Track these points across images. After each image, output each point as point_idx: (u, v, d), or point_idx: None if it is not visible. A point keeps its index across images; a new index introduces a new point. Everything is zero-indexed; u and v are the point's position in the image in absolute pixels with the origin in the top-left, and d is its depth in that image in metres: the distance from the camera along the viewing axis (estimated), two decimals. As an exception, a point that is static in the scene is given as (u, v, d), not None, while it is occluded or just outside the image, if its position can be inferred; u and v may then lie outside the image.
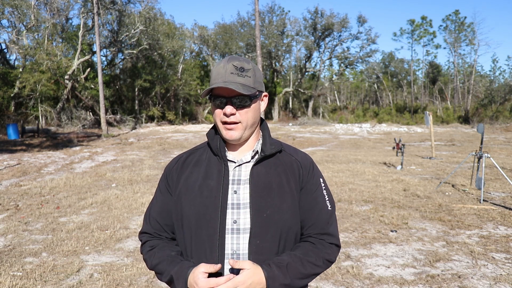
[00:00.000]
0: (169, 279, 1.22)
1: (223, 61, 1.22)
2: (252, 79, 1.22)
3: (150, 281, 3.62)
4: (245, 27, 41.69)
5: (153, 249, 1.31)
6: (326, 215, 1.30)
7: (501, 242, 4.57)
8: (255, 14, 23.34)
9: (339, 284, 3.56)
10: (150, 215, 1.37)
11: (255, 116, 1.25)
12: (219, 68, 1.21)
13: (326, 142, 19.48)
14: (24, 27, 26.58)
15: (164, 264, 1.23)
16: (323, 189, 1.32)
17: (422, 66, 51.33)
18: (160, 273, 1.25)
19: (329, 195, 1.34)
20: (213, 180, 1.25)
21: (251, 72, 1.22)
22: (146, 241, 1.36)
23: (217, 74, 1.20)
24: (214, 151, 1.29)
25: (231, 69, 1.19)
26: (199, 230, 1.22)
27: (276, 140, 1.33)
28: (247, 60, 1.24)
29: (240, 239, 1.20)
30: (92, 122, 27.63)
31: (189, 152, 1.40)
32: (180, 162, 1.36)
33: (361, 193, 7.16)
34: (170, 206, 1.32)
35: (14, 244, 4.60)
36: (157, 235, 1.35)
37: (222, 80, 1.19)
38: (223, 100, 1.20)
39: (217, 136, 1.30)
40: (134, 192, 7.40)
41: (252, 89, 1.21)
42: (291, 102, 47.99)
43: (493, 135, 23.22)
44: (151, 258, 1.29)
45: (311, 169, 1.32)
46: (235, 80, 1.18)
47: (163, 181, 1.37)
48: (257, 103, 1.26)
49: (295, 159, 1.32)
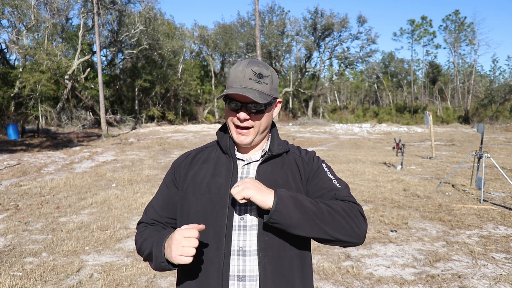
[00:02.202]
0: (149, 252, 1.21)
1: (242, 64, 1.21)
2: (269, 86, 1.22)
3: (150, 281, 3.62)
4: (245, 27, 41.70)
5: (144, 231, 1.31)
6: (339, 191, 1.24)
7: (501, 242, 4.57)
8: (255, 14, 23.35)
9: (339, 284, 3.56)
10: (151, 207, 1.37)
11: (268, 122, 1.27)
12: (238, 71, 1.20)
13: (326, 142, 19.48)
14: (24, 27, 26.58)
15: (151, 237, 1.24)
16: (327, 172, 1.31)
17: (422, 66, 51.38)
18: (144, 250, 1.24)
19: (336, 178, 1.31)
20: (222, 178, 1.26)
21: (269, 79, 1.22)
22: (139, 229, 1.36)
23: (234, 78, 1.20)
24: (224, 149, 1.30)
25: (250, 75, 1.19)
26: (206, 226, 1.22)
27: (284, 141, 1.35)
28: (266, 65, 1.23)
29: (247, 236, 1.20)
30: (92, 122, 27.62)
31: (198, 149, 1.41)
32: (189, 158, 1.37)
33: (361, 193, 7.15)
34: (175, 199, 1.32)
35: (14, 244, 4.60)
36: (154, 225, 1.35)
37: (239, 85, 1.19)
38: (238, 104, 1.20)
39: (227, 134, 1.31)
40: (134, 192, 7.39)
41: (268, 96, 1.21)
42: (291, 102, 47.97)
43: (493, 135, 23.22)
44: (139, 237, 1.30)
45: (311, 160, 1.33)
46: (253, 87, 1.18)
47: (169, 176, 1.38)
48: (271, 110, 1.27)
49: (299, 156, 1.34)
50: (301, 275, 1.24)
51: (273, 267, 1.19)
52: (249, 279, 1.18)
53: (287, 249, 1.22)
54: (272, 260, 1.19)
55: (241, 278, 1.19)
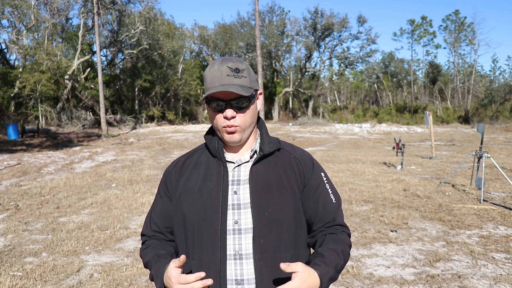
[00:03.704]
0: (151, 277, 1.25)
1: (216, 63, 1.20)
2: (248, 79, 1.20)
3: (150, 281, 3.62)
4: (245, 27, 41.69)
5: (146, 248, 1.33)
6: (332, 208, 1.30)
7: (501, 242, 4.57)
8: (255, 14, 23.34)
9: (339, 284, 3.56)
10: (151, 218, 1.38)
11: (253, 116, 1.25)
12: (214, 71, 1.18)
13: (326, 142, 19.48)
14: (24, 27, 26.58)
15: (151, 262, 1.25)
16: (325, 183, 1.32)
17: (422, 66, 51.39)
18: (149, 270, 1.28)
19: (332, 189, 1.33)
20: (212, 182, 1.25)
21: (246, 72, 1.20)
22: (144, 242, 1.38)
23: (212, 78, 1.18)
24: (213, 152, 1.28)
25: (227, 71, 1.17)
26: (200, 232, 1.22)
27: (274, 138, 1.33)
28: (239, 59, 1.22)
29: (242, 239, 1.20)
30: (92, 122, 27.63)
31: (187, 155, 1.39)
32: (178, 165, 1.36)
33: (361, 193, 7.15)
34: (170, 210, 1.32)
35: (14, 244, 4.60)
36: (155, 237, 1.36)
37: (219, 83, 1.16)
38: (221, 103, 1.18)
39: (215, 137, 1.29)
40: (134, 192, 7.40)
41: (250, 89, 1.19)
42: (291, 102, 47.97)
43: (493, 135, 23.22)
44: (143, 257, 1.32)
45: (311, 165, 1.32)
46: (233, 82, 1.16)
47: (162, 186, 1.38)
48: (255, 103, 1.26)
49: (293, 156, 1.32)
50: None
51: (269, 269, 1.18)
52: (247, 282, 1.18)
53: (283, 251, 1.21)
54: (268, 262, 1.18)
55: (239, 282, 1.18)
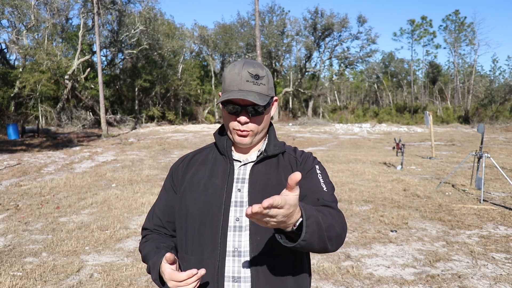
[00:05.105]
0: (147, 270, 1.26)
1: (237, 66, 1.20)
2: (266, 86, 1.21)
3: (150, 281, 3.62)
4: (245, 27, 41.72)
5: (146, 241, 1.34)
6: (323, 195, 1.23)
7: (501, 242, 4.57)
8: (255, 14, 23.34)
9: (339, 284, 3.56)
10: (154, 212, 1.40)
11: (266, 122, 1.27)
12: (234, 74, 1.19)
13: (326, 142, 19.48)
14: (24, 27, 26.57)
15: (150, 254, 1.26)
16: (318, 174, 1.30)
17: (422, 66, 51.40)
18: (146, 263, 1.28)
19: (326, 182, 1.28)
20: (218, 179, 1.26)
21: (266, 79, 1.21)
22: (145, 235, 1.40)
23: (231, 81, 1.19)
24: (221, 150, 1.31)
25: (247, 77, 1.18)
26: (202, 227, 1.23)
27: (281, 142, 1.35)
28: (261, 65, 1.23)
29: (242, 237, 1.20)
30: (92, 122, 27.63)
31: (196, 151, 1.42)
32: (186, 160, 1.39)
33: (361, 193, 7.15)
34: (174, 203, 1.34)
35: (14, 244, 4.60)
36: (156, 231, 1.38)
37: (237, 88, 1.18)
38: (237, 108, 1.20)
39: (224, 136, 1.32)
40: (134, 192, 7.40)
41: (267, 97, 1.21)
42: (291, 102, 47.97)
43: (493, 135, 23.22)
44: (143, 249, 1.33)
45: (305, 159, 1.33)
46: (251, 89, 1.18)
47: (168, 180, 1.39)
48: (269, 110, 1.28)
49: (293, 157, 1.34)
50: (294, 274, 1.23)
51: (265, 267, 1.19)
52: (243, 280, 1.18)
53: (279, 248, 1.20)
54: (264, 260, 1.19)
55: (236, 279, 1.18)
